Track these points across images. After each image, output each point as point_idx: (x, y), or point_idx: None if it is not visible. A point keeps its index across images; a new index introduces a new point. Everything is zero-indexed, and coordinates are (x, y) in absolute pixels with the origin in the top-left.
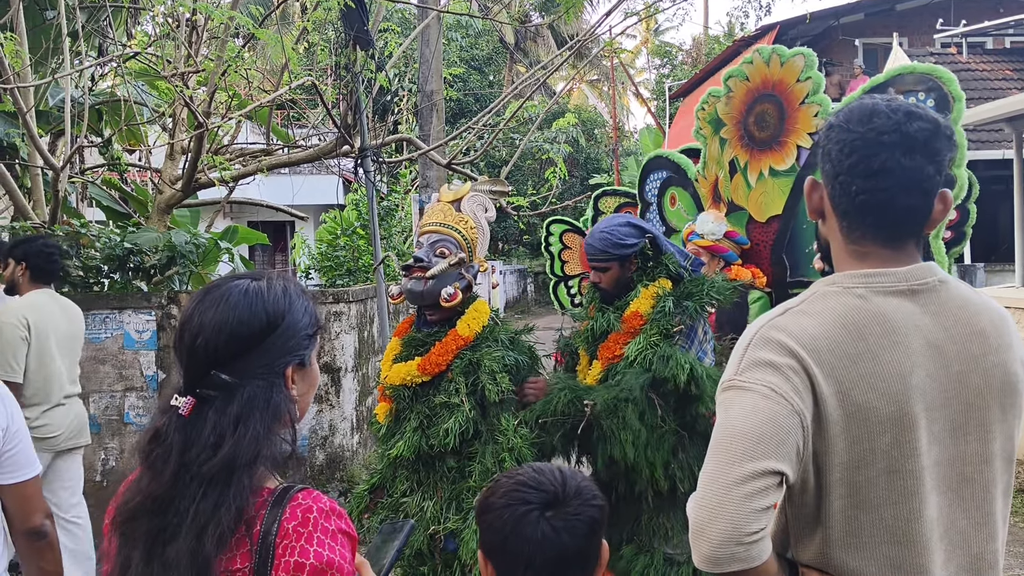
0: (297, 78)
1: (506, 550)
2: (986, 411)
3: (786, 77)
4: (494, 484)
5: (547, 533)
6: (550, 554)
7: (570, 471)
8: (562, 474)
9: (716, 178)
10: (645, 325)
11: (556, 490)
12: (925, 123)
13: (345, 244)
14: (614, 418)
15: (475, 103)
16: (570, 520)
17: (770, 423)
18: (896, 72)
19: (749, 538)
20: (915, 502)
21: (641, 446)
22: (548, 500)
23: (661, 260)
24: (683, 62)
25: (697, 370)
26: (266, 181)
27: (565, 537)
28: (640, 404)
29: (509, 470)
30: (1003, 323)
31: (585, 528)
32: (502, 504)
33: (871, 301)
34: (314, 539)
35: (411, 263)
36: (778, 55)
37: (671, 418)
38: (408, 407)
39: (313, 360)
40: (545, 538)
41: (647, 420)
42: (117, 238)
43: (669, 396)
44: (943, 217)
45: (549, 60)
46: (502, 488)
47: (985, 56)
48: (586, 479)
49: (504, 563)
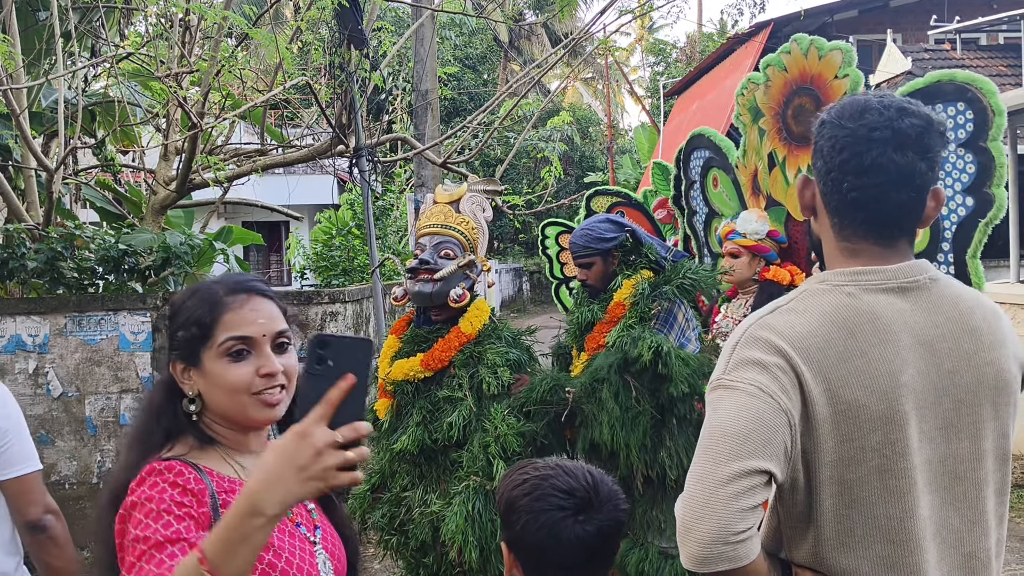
0: (291, 78)
1: (538, 550)
2: (978, 409)
3: (824, 71)
4: (519, 481)
5: (582, 537)
6: (583, 557)
7: (598, 472)
8: (592, 477)
9: (755, 169)
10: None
11: (589, 496)
12: (917, 119)
13: (340, 244)
14: (593, 400)
15: (470, 102)
16: (603, 524)
17: (756, 422)
18: (935, 79)
19: (736, 537)
20: (907, 501)
21: (617, 427)
22: (581, 505)
23: (643, 252)
24: (677, 60)
25: (664, 349)
26: (260, 181)
27: (597, 541)
28: (614, 385)
29: (534, 465)
30: (996, 320)
31: (615, 531)
32: (538, 508)
33: (861, 299)
34: (138, 490)
35: (417, 265)
36: (816, 47)
37: (645, 399)
38: (411, 402)
39: (210, 363)
40: (580, 541)
41: (621, 401)
42: (112, 239)
43: (642, 376)
44: (936, 214)
45: (544, 59)
46: (532, 489)
47: (979, 52)
48: (610, 480)
49: (533, 560)
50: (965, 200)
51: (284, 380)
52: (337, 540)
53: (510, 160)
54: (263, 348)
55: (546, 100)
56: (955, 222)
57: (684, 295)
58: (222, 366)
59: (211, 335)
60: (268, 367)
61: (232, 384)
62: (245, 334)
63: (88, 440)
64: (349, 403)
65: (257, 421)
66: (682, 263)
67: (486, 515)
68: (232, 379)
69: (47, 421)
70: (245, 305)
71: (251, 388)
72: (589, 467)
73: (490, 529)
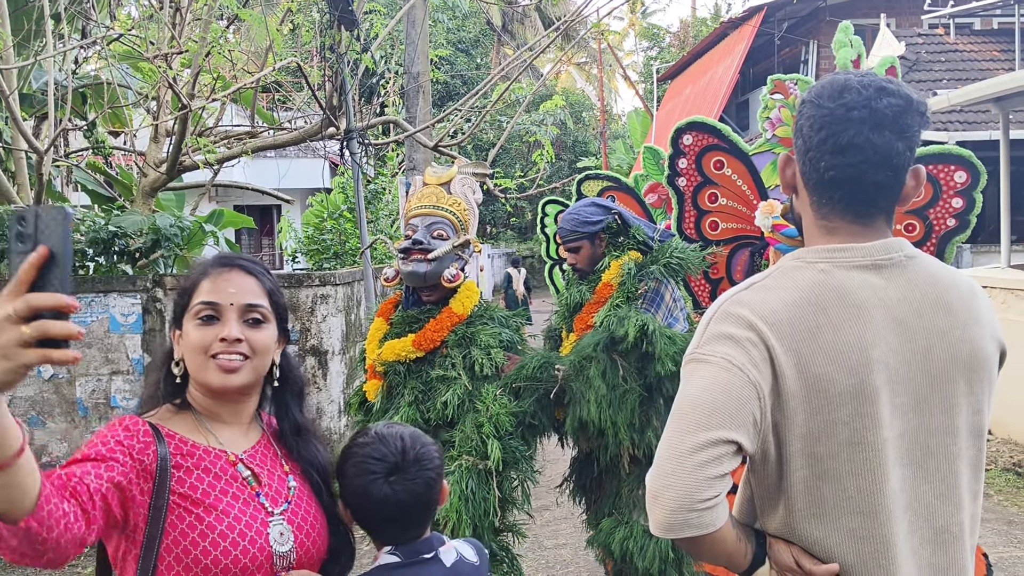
0: (282, 59)
1: (359, 506)
2: (952, 385)
3: None
4: (347, 449)
5: (389, 495)
6: (394, 511)
7: (412, 439)
8: (403, 442)
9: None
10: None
11: (397, 459)
12: (896, 99)
13: (332, 227)
14: (581, 378)
15: (463, 85)
16: (409, 483)
17: (725, 394)
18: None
19: (702, 504)
20: (877, 474)
21: (604, 405)
22: (390, 468)
23: (630, 234)
24: (671, 44)
25: (650, 327)
26: (252, 164)
27: (404, 496)
28: (601, 363)
29: (364, 433)
30: (973, 298)
31: (423, 487)
32: (352, 473)
33: (833, 275)
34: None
35: (410, 245)
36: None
37: (632, 377)
38: (402, 383)
39: (187, 325)
40: (388, 499)
41: (608, 379)
42: (102, 221)
43: (629, 355)
44: (915, 193)
45: (536, 41)
46: (351, 456)
47: (973, 37)
48: (427, 445)
49: (359, 514)
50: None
51: (247, 350)
52: (317, 520)
53: (502, 144)
54: (228, 316)
55: (538, 84)
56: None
57: (672, 275)
58: (191, 327)
59: (190, 300)
60: (226, 332)
61: (195, 344)
62: (214, 300)
63: (79, 421)
64: (48, 276)
65: (214, 386)
66: (669, 243)
67: (479, 494)
68: (195, 339)
69: (38, 403)
70: (222, 275)
71: (209, 350)
72: (406, 434)
73: (483, 508)
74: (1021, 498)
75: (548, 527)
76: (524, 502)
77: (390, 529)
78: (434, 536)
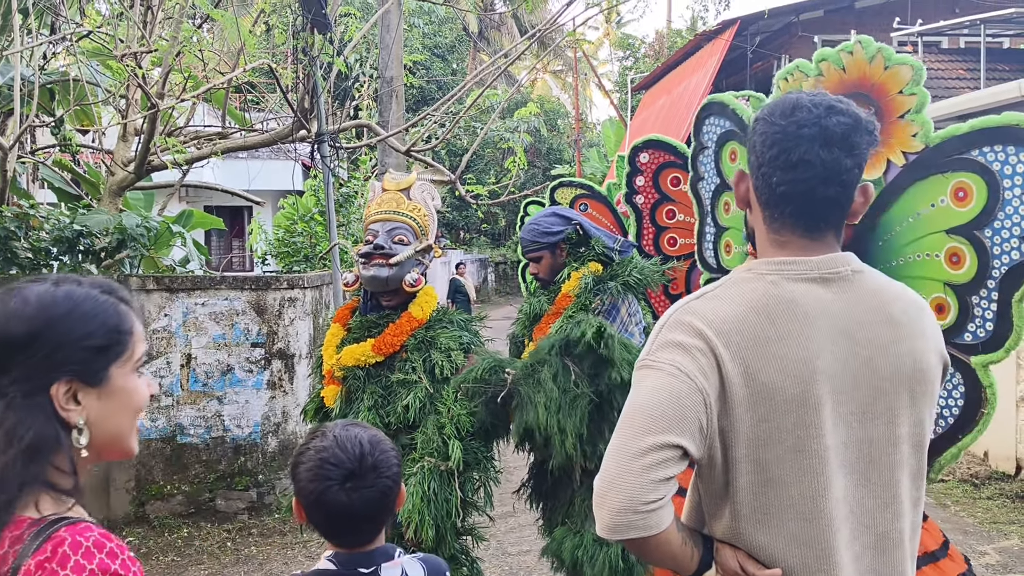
0: (254, 60)
1: (311, 509)
2: (895, 396)
3: (888, 83)
4: (303, 449)
5: (344, 502)
6: (347, 517)
7: (370, 444)
8: (361, 447)
9: None
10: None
11: (354, 467)
12: (845, 117)
13: (303, 230)
14: (531, 381)
15: (438, 90)
16: (365, 491)
17: (672, 400)
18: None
19: (646, 507)
20: (821, 481)
21: (553, 409)
22: (346, 475)
23: (590, 245)
24: (646, 55)
25: (606, 329)
26: (223, 165)
27: (359, 504)
28: (554, 366)
29: (322, 432)
30: (918, 312)
31: (378, 496)
32: (308, 477)
33: (782, 287)
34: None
35: (371, 250)
36: (883, 56)
37: (585, 383)
38: (361, 387)
39: (116, 376)
40: (343, 505)
41: (559, 382)
42: (66, 219)
43: (583, 360)
44: (863, 209)
45: (511, 47)
46: (307, 460)
47: (940, 55)
48: (387, 451)
49: (311, 514)
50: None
51: None
52: None
53: (475, 150)
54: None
55: (512, 90)
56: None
57: (629, 291)
58: (134, 381)
59: (127, 345)
60: (154, 388)
61: (141, 402)
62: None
63: None
64: None
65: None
66: (628, 259)
67: (441, 495)
68: (143, 395)
69: None
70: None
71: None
72: (365, 438)
73: (445, 508)
74: (977, 508)
75: (512, 533)
76: (486, 504)
77: (341, 532)
78: (385, 548)
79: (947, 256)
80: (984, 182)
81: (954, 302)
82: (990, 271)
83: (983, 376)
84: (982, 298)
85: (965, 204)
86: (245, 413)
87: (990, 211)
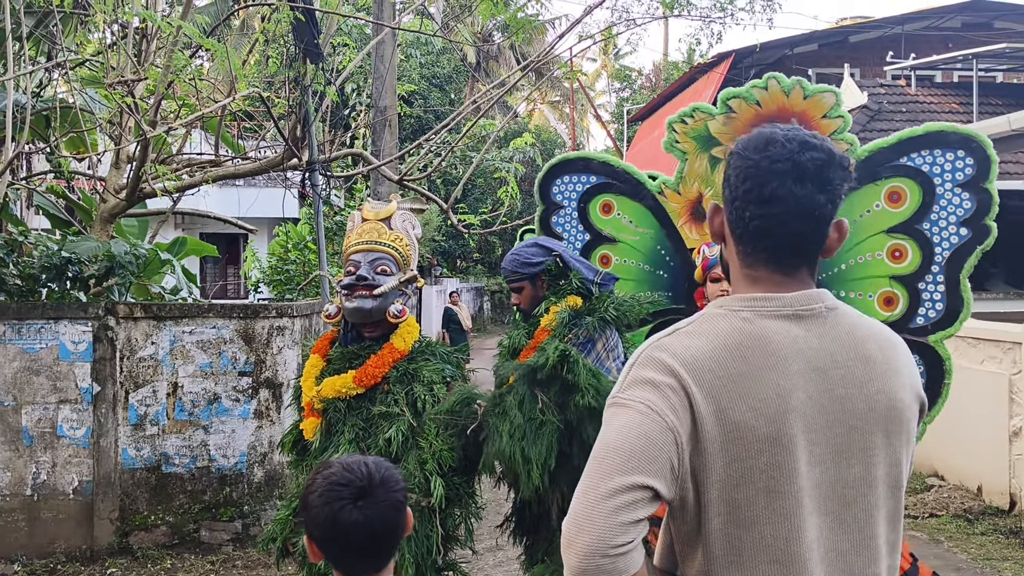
0: (247, 89)
1: (327, 537)
2: (870, 436)
3: (810, 110)
4: (310, 482)
5: (359, 520)
6: (364, 537)
7: (376, 463)
8: (367, 467)
9: (700, 195)
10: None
11: (364, 484)
12: (819, 153)
13: (296, 258)
14: (497, 411)
15: (436, 120)
16: (379, 506)
17: (643, 439)
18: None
19: (615, 551)
20: (794, 522)
21: (517, 436)
22: (357, 492)
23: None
24: (643, 86)
25: (572, 354)
26: (219, 192)
27: (375, 520)
28: (520, 394)
29: (327, 465)
30: (892, 350)
31: (391, 510)
32: (321, 502)
33: (755, 324)
34: None
35: (354, 281)
36: (801, 87)
37: (551, 411)
38: (342, 420)
39: None
40: (357, 524)
41: (525, 409)
42: (55, 247)
43: (549, 387)
44: (839, 245)
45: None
46: (317, 488)
47: (933, 89)
48: (391, 469)
49: (326, 545)
50: (959, 231)
51: None
52: None
53: (469, 179)
54: None
55: (507, 119)
56: (948, 248)
57: (607, 326)
58: None
59: None
60: None
61: None
62: None
63: (23, 451)
64: None
65: None
66: (607, 293)
67: (422, 531)
68: None
69: None
70: None
71: None
72: (369, 460)
73: (426, 546)
74: (971, 544)
75: (501, 567)
76: (468, 539)
77: (361, 555)
78: None
79: (889, 253)
80: (917, 184)
81: (903, 292)
82: (934, 258)
83: (941, 350)
84: (928, 283)
85: (900, 205)
86: (231, 443)
87: (928, 206)
